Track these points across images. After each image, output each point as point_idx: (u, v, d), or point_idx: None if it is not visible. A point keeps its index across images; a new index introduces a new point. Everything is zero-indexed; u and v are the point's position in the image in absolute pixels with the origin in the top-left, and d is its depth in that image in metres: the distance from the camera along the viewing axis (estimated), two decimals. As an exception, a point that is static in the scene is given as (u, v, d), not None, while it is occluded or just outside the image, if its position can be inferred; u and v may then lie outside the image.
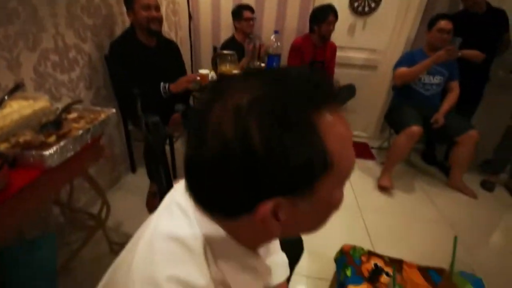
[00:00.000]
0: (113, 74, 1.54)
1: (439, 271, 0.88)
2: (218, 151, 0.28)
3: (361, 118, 2.67)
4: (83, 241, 1.19)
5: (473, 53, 1.88)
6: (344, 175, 0.32)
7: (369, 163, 2.31)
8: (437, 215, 1.77)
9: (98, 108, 1.03)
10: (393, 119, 2.08)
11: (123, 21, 1.70)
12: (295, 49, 2.05)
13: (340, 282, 0.89)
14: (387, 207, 1.81)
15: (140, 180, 1.82)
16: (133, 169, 1.95)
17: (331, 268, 1.01)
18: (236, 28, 2.13)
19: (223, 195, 0.30)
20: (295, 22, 2.32)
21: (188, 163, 0.32)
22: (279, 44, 1.93)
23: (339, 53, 2.23)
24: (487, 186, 2.08)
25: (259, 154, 0.26)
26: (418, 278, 0.86)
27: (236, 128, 0.27)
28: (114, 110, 1.02)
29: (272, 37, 1.93)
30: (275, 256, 0.69)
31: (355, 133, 2.73)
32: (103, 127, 0.98)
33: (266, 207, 0.29)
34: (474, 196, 1.94)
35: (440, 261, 0.93)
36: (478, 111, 2.16)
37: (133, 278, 0.32)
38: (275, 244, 0.71)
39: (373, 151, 2.50)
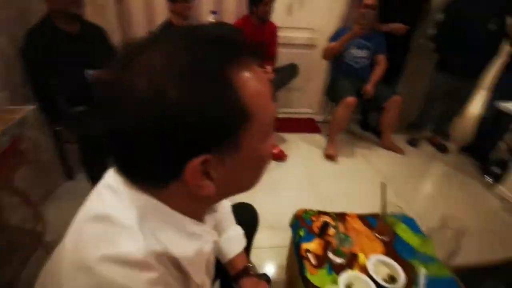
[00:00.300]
0: (27, 64, 1.35)
1: (375, 216, 1.01)
2: (134, 115, 0.27)
3: (306, 96, 2.81)
4: (22, 261, 1.06)
5: (397, 26, 2.10)
6: (266, 129, 0.34)
7: (316, 136, 2.48)
8: (374, 172, 2.01)
9: (12, 107, 0.90)
10: (331, 93, 2.25)
11: (42, 10, 1.47)
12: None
13: (295, 244, 0.97)
14: (334, 172, 1.99)
15: (80, 186, 1.65)
16: (70, 175, 1.77)
17: (290, 235, 1.08)
18: (171, 10, 2.00)
19: (149, 162, 0.30)
20: (234, 3, 2.28)
21: (107, 136, 0.31)
22: (217, 26, 1.88)
23: (280, 33, 2.28)
24: (413, 142, 2.43)
25: (176, 111, 0.27)
26: (359, 225, 0.99)
27: (151, 88, 0.27)
28: (32, 107, 0.90)
29: (211, 18, 1.87)
30: (229, 231, 0.72)
31: (302, 110, 2.87)
32: (21, 129, 0.87)
33: (193, 166, 0.29)
34: (402, 152, 2.26)
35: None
36: (403, 78, 2.45)
37: (64, 268, 0.31)
38: (229, 220, 0.73)
39: (319, 125, 2.69)
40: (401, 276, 0.78)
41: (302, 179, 1.88)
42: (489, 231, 1.56)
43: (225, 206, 0.73)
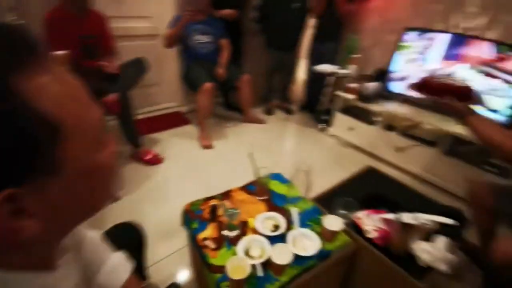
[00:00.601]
0: None
1: (253, 182, 1.15)
2: None
3: (166, 89, 2.69)
4: None
5: (227, 12, 2.29)
6: (92, 135, 0.29)
7: (187, 128, 2.48)
8: (246, 146, 2.23)
9: None
10: (188, 82, 2.26)
11: None
12: (48, 24, 1.61)
13: (192, 238, 0.96)
14: (213, 157, 2.08)
15: None
16: None
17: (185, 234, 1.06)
18: None
19: None
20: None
21: None
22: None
23: (115, 25, 2.00)
24: (269, 111, 2.86)
25: None
26: (243, 196, 1.09)
27: None
28: None
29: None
30: (107, 263, 0.62)
31: (166, 105, 2.75)
32: None
33: None
34: (263, 122, 2.63)
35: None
36: (247, 58, 2.76)
37: None
38: (101, 253, 0.63)
39: (187, 116, 2.68)
40: (282, 222, 0.94)
41: (185, 175, 1.86)
42: (331, 161, 2.12)
43: (92, 238, 0.61)
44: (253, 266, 0.78)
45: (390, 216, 0.95)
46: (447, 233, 0.92)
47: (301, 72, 3.01)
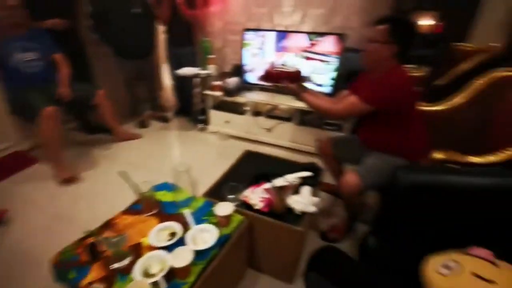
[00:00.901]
0: None
1: (137, 201, 1.06)
2: None
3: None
4: None
5: (54, 22, 1.94)
6: None
7: (35, 168, 1.95)
8: (124, 167, 1.99)
9: None
10: (20, 111, 1.77)
11: None
12: None
13: (74, 290, 0.80)
14: (82, 192, 1.74)
15: None
16: None
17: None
18: None
19: None
20: None
21: None
22: None
23: None
24: (143, 124, 2.65)
25: None
26: (128, 218, 0.99)
27: None
28: None
29: None
30: None
31: (-9, 147, 2.04)
32: None
33: None
34: (138, 136, 2.41)
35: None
36: (98, 71, 2.42)
37: None
38: None
39: (32, 154, 2.10)
40: (178, 228, 0.93)
41: (48, 224, 1.47)
42: (216, 156, 2.22)
43: None
44: (156, 283, 0.74)
45: (267, 185, 1.11)
46: (309, 183, 1.18)
47: (166, 77, 2.93)
